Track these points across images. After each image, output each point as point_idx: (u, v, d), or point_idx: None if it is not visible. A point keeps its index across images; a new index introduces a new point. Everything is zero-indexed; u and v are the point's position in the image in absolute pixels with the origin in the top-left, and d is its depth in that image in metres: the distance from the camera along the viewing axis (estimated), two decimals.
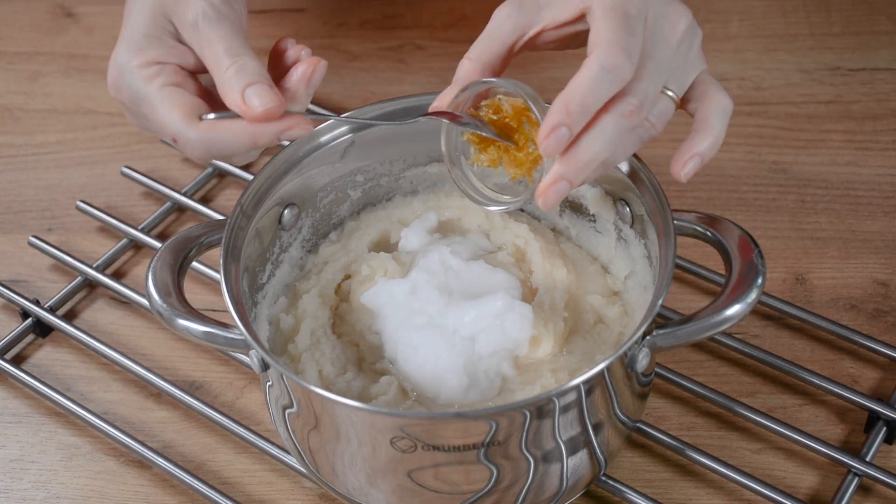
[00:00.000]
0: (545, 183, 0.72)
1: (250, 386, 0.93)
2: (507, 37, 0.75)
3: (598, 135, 0.71)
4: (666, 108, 0.75)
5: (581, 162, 0.71)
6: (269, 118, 0.72)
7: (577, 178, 0.72)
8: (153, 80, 0.75)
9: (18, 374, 0.93)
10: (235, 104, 0.73)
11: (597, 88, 0.69)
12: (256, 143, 0.73)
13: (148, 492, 0.86)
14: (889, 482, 0.81)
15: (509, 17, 0.75)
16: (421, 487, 0.73)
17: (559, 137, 0.69)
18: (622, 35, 0.70)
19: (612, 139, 0.71)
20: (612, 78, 0.69)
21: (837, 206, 1.03)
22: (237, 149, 0.74)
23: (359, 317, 0.85)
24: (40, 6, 1.33)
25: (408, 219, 0.92)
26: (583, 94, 0.69)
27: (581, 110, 0.69)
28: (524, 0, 0.76)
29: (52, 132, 1.18)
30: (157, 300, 0.77)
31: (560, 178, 0.71)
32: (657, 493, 0.83)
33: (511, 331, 0.79)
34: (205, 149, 0.74)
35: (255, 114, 0.72)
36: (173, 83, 0.76)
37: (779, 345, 0.92)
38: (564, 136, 0.69)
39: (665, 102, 0.75)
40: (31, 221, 1.08)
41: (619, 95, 0.71)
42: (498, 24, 0.76)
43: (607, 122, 0.71)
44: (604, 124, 0.71)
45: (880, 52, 1.18)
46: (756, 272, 0.74)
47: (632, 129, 0.72)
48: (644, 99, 0.71)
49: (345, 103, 1.17)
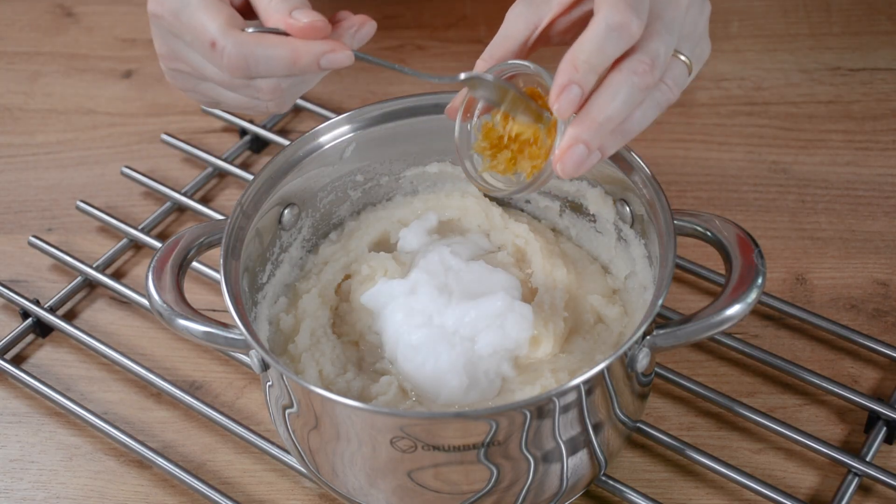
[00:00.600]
0: (562, 146, 0.69)
1: (250, 386, 0.93)
2: (519, 34, 0.74)
3: (612, 94, 0.69)
4: (680, 72, 0.73)
5: (596, 122, 0.68)
6: (315, 33, 0.69)
7: (594, 140, 0.69)
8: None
9: (18, 374, 0.93)
10: (281, 21, 0.70)
11: (604, 46, 0.67)
12: (297, 63, 0.70)
13: (148, 492, 0.86)
14: (889, 482, 0.81)
15: (520, 14, 0.74)
16: (421, 487, 0.73)
17: (571, 95, 0.67)
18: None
19: (627, 99, 0.69)
20: (618, 35, 0.67)
21: (837, 206, 1.03)
22: (275, 67, 0.70)
23: (359, 317, 0.85)
24: (40, 6, 1.33)
25: (408, 219, 0.92)
26: (589, 52, 0.67)
27: (589, 68, 0.67)
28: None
29: (52, 132, 1.18)
30: (157, 300, 0.77)
31: (576, 139, 0.68)
32: (657, 493, 0.83)
33: (511, 331, 0.79)
34: (242, 60, 0.70)
35: (300, 25, 0.69)
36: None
37: (779, 345, 0.92)
38: (576, 94, 0.67)
39: (679, 66, 0.73)
40: (31, 221, 1.08)
41: (629, 54, 0.69)
42: (510, 23, 0.75)
43: (619, 80, 0.69)
44: (616, 83, 0.69)
45: (880, 52, 1.18)
46: (756, 272, 0.74)
47: (646, 90, 0.70)
48: (655, 58, 0.69)
49: (345, 103, 1.17)
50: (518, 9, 0.75)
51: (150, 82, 1.22)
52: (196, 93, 0.77)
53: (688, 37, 0.74)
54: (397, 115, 0.88)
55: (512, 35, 0.74)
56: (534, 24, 0.74)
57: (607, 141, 0.70)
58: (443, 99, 0.86)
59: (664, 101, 0.72)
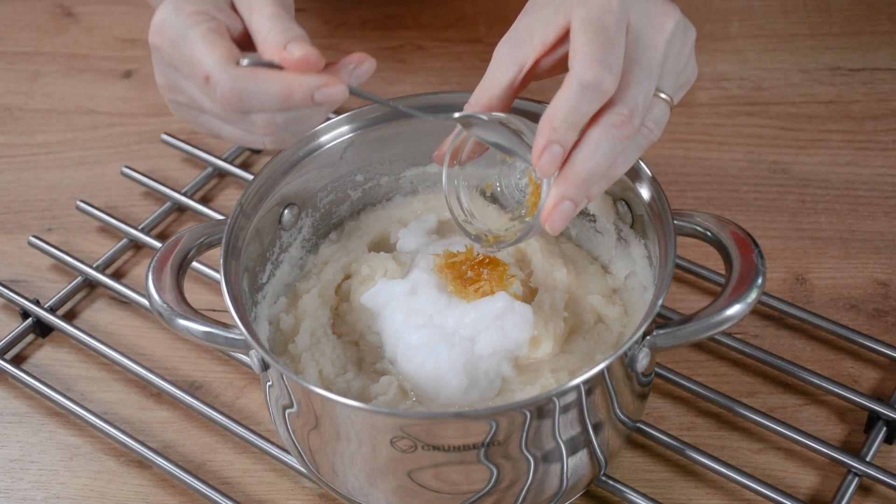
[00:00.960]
0: (548, 206, 0.71)
1: (250, 386, 0.93)
2: (504, 76, 0.75)
3: (593, 149, 0.70)
4: (662, 111, 0.74)
5: (579, 178, 0.71)
6: (308, 67, 0.69)
7: (579, 195, 0.71)
8: (200, 24, 0.72)
9: (18, 374, 0.93)
10: (276, 54, 0.70)
11: (579, 105, 0.69)
12: (290, 97, 0.70)
13: (148, 492, 0.86)
14: (889, 482, 0.81)
15: (505, 56, 0.75)
16: (421, 487, 0.73)
17: (552, 155, 0.69)
18: (599, 47, 0.69)
19: (608, 151, 0.71)
20: (592, 94, 0.69)
21: (837, 206, 1.03)
22: (268, 102, 0.70)
23: (359, 317, 0.85)
24: (40, 6, 1.33)
25: (408, 219, 0.92)
26: (565, 111, 0.69)
27: (567, 126, 0.69)
28: (519, 33, 0.75)
29: (52, 132, 1.18)
30: (157, 300, 0.77)
31: (562, 197, 0.71)
32: (657, 493, 0.83)
33: (511, 331, 0.79)
34: (235, 95, 0.70)
35: (293, 59, 0.69)
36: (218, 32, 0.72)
37: (779, 345, 0.92)
38: (558, 153, 0.69)
39: (659, 106, 0.74)
40: (31, 221, 1.08)
41: (607, 106, 0.70)
42: (496, 66, 0.76)
43: (599, 135, 0.70)
44: (596, 138, 0.70)
45: (880, 52, 1.18)
46: (756, 272, 0.74)
47: (626, 139, 0.71)
48: (634, 107, 0.71)
49: (345, 103, 1.17)
50: (503, 50, 0.76)
51: (150, 82, 1.22)
52: (197, 124, 0.77)
53: (670, 72, 0.75)
54: (397, 115, 0.88)
55: (497, 78, 0.76)
56: (519, 64, 0.75)
57: (592, 190, 0.72)
58: (443, 99, 0.86)
59: (645, 144, 0.74)
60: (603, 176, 0.72)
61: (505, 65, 0.75)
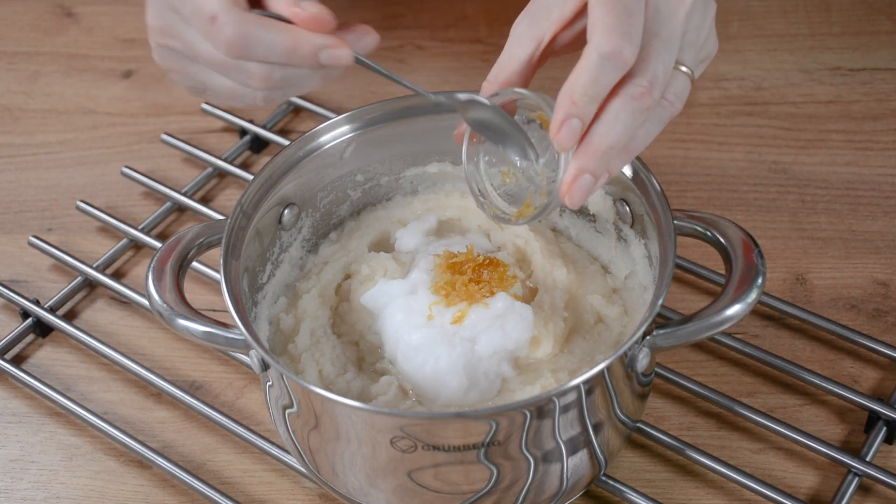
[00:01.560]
0: (567, 179, 0.70)
1: (250, 386, 0.93)
2: (522, 52, 0.74)
3: (612, 122, 0.69)
4: (683, 84, 0.73)
5: (599, 151, 0.69)
6: (318, 25, 0.68)
7: (598, 168, 0.69)
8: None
9: (18, 374, 0.93)
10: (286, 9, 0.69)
11: (599, 77, 0.68)
12: (295, 51, 0.68)
13: (148, 492, 0.86)
14: (889, 482, 0.81)
15: (523, 32, 0.74)
16: (421, 487, 0.73)
17: (571, 129, 0.68)
18: (618, 18, 0.68)
19: (628, 124, 0.69)
20: (612, 65, 0.68)
21: (837, 206, 1.03)
22: (273, 52, 0.68)
23: (359, 317, 0.85)
24: (40, 6, 1.33)
25: (408, 219, 0.92)
26: (585, 84, 0.68)
27: (587, 100, 0.67)
28: (536, 9, 0.75)
29: (52, 132, 1.18)
30: (157, 300, 0.77)
31: (581, 171, 0.69)
32: (657, 493, 0.83)
33: (511, 331, 0.79)
34: (240, 39, 0.68)
35: (304, 15, 0.68)
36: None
37: (779, 345, 0.92)
38: (577, 127, 0.68)
39: (680, 79, 0.72)
40: (31, 221, 1.08)
41: (627, 78, 0.69)
42: (514, 42, 0.75)
43: (618, 107, 0.69)
44: (615, 110, 0.69)
45: (880, 52, 1.18)
46: (756, 272, 0.74)
47: (647, 111, 0.70)
48: (654, 79, 0.69)
49: (345, 103, 1.17)
50: (521, 27, 0.75)
51: (150, 82, 1.22)
52: (183, 74, 0.75)
53: (691, 45, 0.73)
54: (397, 115, 0.88)
55: (515, 55, 0.75)
56: (537, 40, 0.74)
57: (613, 164, 0.70)
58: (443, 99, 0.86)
59: (667, 116, 0.72)
60: (623, 149, 0.70)
61: (523, 41, 0.74)
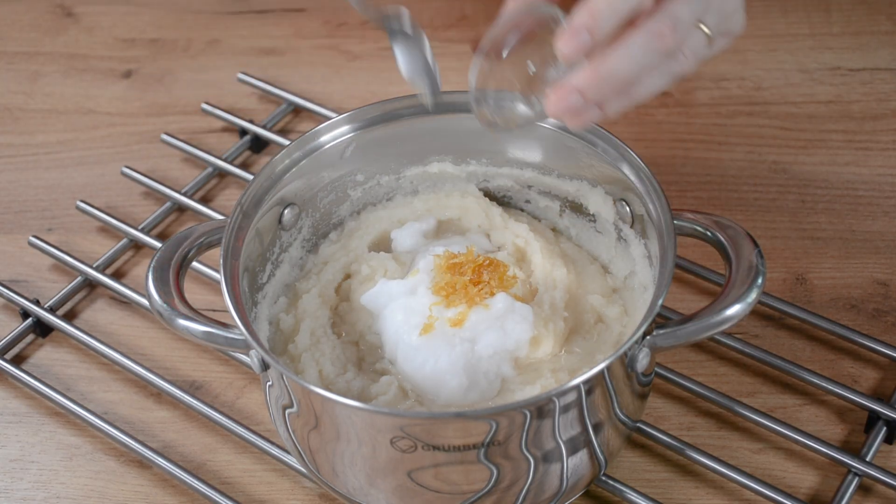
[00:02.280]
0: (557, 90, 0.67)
1: (250, 386, 0.93)
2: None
3: (624, 52, 0.67)
4: (700, 43, 0.71)
5: (600, 75, 0.66)
6: None
7: (592, 91, 0.67)
8: None
9: (18, 374, 0.93)
10: None
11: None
12: None
13: (148, 492, 0.86)
14: (889, 482, 0.81)
15: None
16: (421, 487, 0.73)
17: (579, 41, 0.65)
18: None
19: (639, 59, 0.67)
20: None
21: (837, 206, 1.03)
22: None
23: (359, 317, 0.85)
24: (40, 6, 1.33)
25: (408, 219, 0.92)
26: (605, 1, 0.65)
27: (607, 15, 0.65)
28: None
29: (52, 132, 1.18)
30: (157, 300, 0.77)
31: (574, 87, 0.67)
32: (657, 493, 0.83)
33: (511, 331, 0.79)
34: None
35: None
36: None
37: (779, 345, 0.92)
38: (585, 41, 0.65)
39: (698, 37, 0.70)
40: (31, 221, 1.08)
41: (650, 15, 0.67)
42: None
43: (635, 38, 0.67)
44: (631, 41, 0.67)
45: (880, 52, 1.18)
46: (756, 272, 0.74)
47: (661, 53, 0.68)
48: (677, 21, 0.67)
49: (345, 103, 1.17)
50: None
51: (150, 82, 1.22)
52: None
53: (716, 9, 0.71)
54: (397, 115, 0.88)
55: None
56: None
57: (610, 98, 0.68)
58: (444, 98, 0.86)
59: (678, 71, 0.70)
60: (623, 87, 0.68)
61: None
